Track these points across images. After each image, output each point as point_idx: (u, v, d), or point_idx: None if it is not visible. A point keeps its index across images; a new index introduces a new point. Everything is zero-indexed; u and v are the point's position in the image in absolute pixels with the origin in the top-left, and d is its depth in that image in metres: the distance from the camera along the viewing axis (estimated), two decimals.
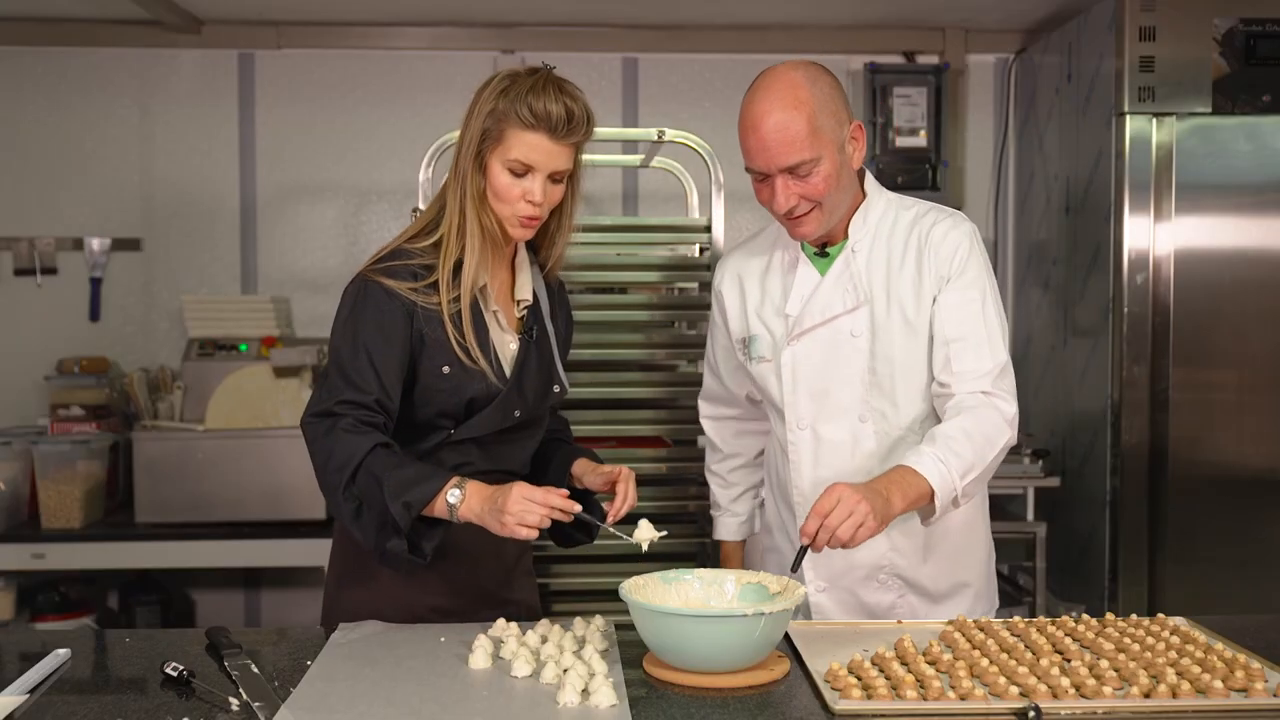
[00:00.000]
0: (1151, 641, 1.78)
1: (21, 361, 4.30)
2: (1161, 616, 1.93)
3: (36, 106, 4.36)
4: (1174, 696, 1.57)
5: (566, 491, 1.86)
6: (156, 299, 4.41)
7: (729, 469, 2.41)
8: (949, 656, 1.71)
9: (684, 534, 2.92)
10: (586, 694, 1.57)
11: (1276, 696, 1.59)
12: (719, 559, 2.45)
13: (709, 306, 2.87)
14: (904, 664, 1.69)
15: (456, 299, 1.97)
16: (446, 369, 1.97)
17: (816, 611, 2.15)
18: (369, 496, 1.86)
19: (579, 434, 2.88)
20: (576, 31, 4.43)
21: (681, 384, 3.01)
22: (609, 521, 2.04)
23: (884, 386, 2.08)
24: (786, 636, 1.83)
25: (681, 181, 3.28)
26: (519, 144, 1.93)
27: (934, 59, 4.47)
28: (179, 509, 3.70)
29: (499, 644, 1.80)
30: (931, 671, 1.64)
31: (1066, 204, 3.99)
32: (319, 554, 3.13)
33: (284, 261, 4.43)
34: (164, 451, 3.72)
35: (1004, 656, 1.69)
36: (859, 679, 1.62)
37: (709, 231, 2.91)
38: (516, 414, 2.04)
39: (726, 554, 2.43)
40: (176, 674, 1.67)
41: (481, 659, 1.73)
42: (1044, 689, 1.57)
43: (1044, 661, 1.66)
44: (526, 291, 2.09)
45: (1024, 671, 1.62)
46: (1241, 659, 1.70)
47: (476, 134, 1.95)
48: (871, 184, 2.14)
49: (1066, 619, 1.92)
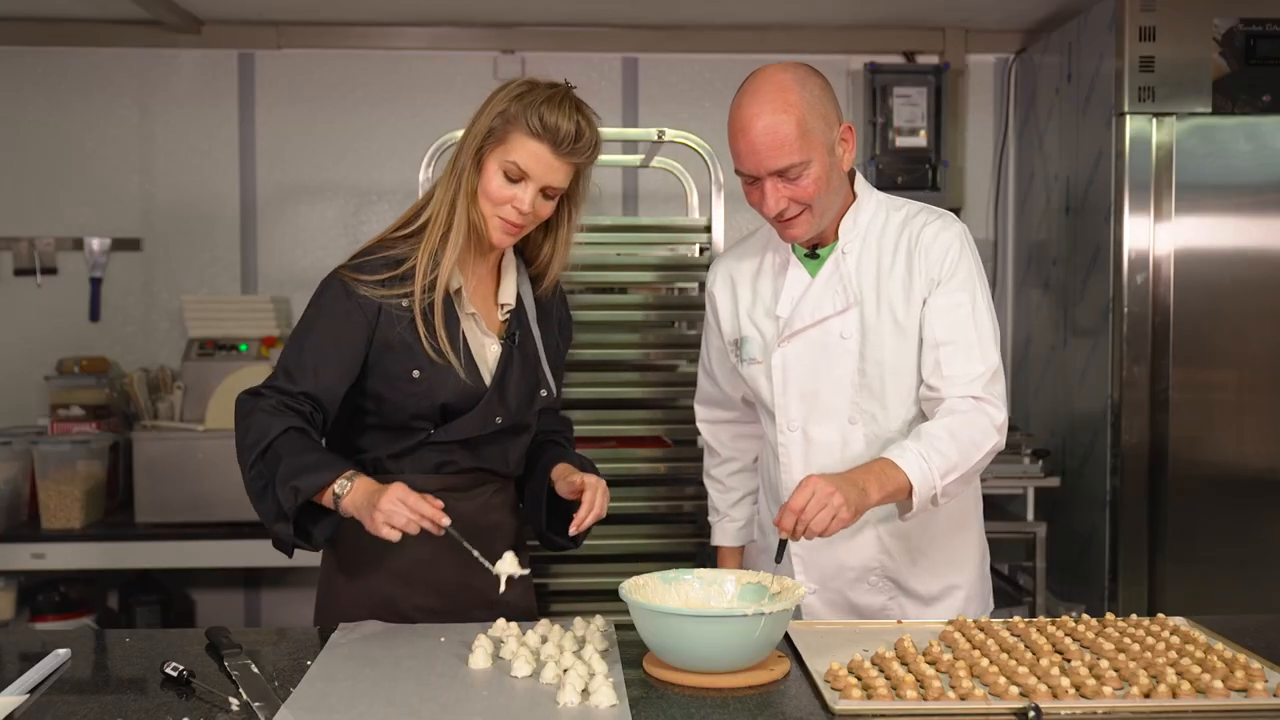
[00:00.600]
0: (1151, 641, 1.78)
1: (21, 361, 4.30)
2: (1161, 616, 1.93)
3: (36, 106, 4.36)
4: (1174, 696, 1.57)
5: (441, 504, 1.81)
6: (156, 299, 4.41)
7: (727, 473, 2.40)
8: (949, 656, 1.71)
9: (683, 534, 2.92)
10: (586, 694, 1.57)
11: (1276, 696, 1.59)
12: (716, 565, 2.44)
13: None
14: (904, 664, 1.69)
15: (429, 290, 1.96)
16: (416, 373, 1.96)
17: (807, 613, 2.14)
18: (272, 476, 1.86)
19: (579, 434, 2.88)
20: (576, 31, 4.43)
21: (681, 384, 3.01)
22: (571, 531, 2.03)
23: (874, 388, 2.07)
24: (786, 636, 1.83)
25: (681, 181, 3.28)
26: (520, 149, 1.93)
27: (934, 59, 4.47)
28: (179, 509, 3.70)
29: (499, 644, 1.80)
30: (931, 671, 1.64)
31: (1066, 204, 3.99)
32: (318, 554, 3.12)
33: (284, 261, 4.43)
34: (164, 451, 3.72)
35: (1004, 656, 1.69)
36: (859, 679, 1.62)
37: (709, 231, 2.90)
38: (498, 420, 2.03)
39: (723, 560, 2.42)
40: (176, 674, 1.67)
41: (481, 659, 1.73)
42: (1044, 689, 1.57)
43: (1044, 661, 1.66)
44: (509, 295, 2.08)
45: (1024, 671, 1.62)
46: (1241, 659, 1.70)
47: (482, 131, 1.95)
48: (862, 185, 2.13)
49: (1066, 619, 1.92)
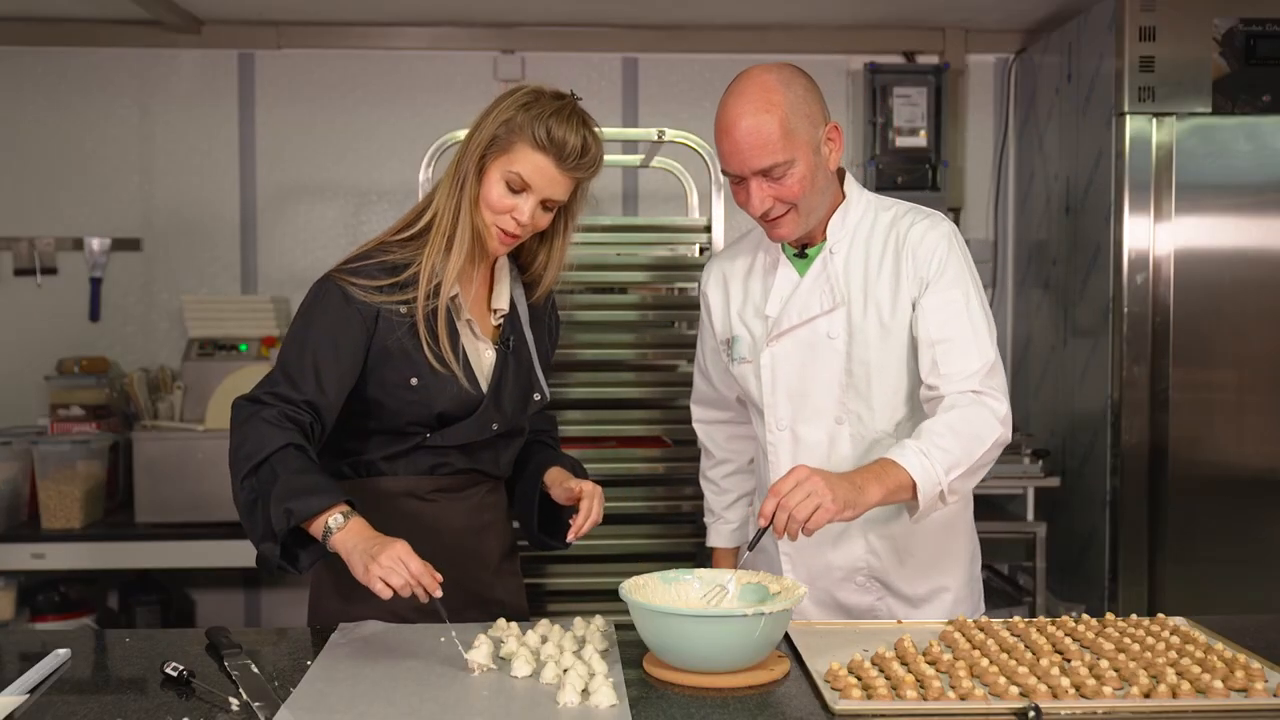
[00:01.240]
0: (1151, 641, 1.78)
1: (21, 361, 4.30)
2: (1161, 616, 1.93)
3: (36, 106, 4.36)
4: (1174, 696, 1.57)
5: (440, 578, 1.75)
6: (156, 299, 4.41)
7: (722, 475, 2.40)
8: (949, 656, 1.71)
9: (682, 534, 2.92)
10: (586, 694, 1.57)
11: (1276, 696, 1.59)
12: (712, 566, 2.44)
13: None
14: (904, 664, 1.69)
15: (431, 297, 1.94)
16: (415, 380, 1.95)
17: (797, 612, 2.14)
18: (265, 492, 1.81)
19: (579, 434, 2.90)
20: (576, 31, 4.43)
21: (680, 384, 3.01)
22: (569, 537, 2.02)
23: (860, 389, 2.07)
24: (786, 636, 1.83)
25: (681, 181, 3.28)
26: (524, 161, 1.92)
27: (934, 59, 4.47)
28: (179, 509, 3.70)
29: (499, 643, 1.80)
30: (931, 671, 1.64)
31: (1066, 204, 3.99)
32: None
33: (284, 261, 4.43)
34: (164, 451, 3.72)
35: (1004, 656, 1.69)
36: (859, 679, 1.62)
37: (709, 231, 2.90)
38: (494, 426, 2.03)
39: (718, 561, 2.41)
40: (176, 674, 1.67)
41: (482, 659, 1.72)
42: (1044, 689, 1.57)
43: (1044, 661, 1.66)
44: (503, 300, 2.07)
45: (1024, 671, 1.62)
46: (1241, 659, 1.70)
47: (486, 139, 1.94)
48: (852, 185, 2.13)
49: (1066, 619, 1.92)
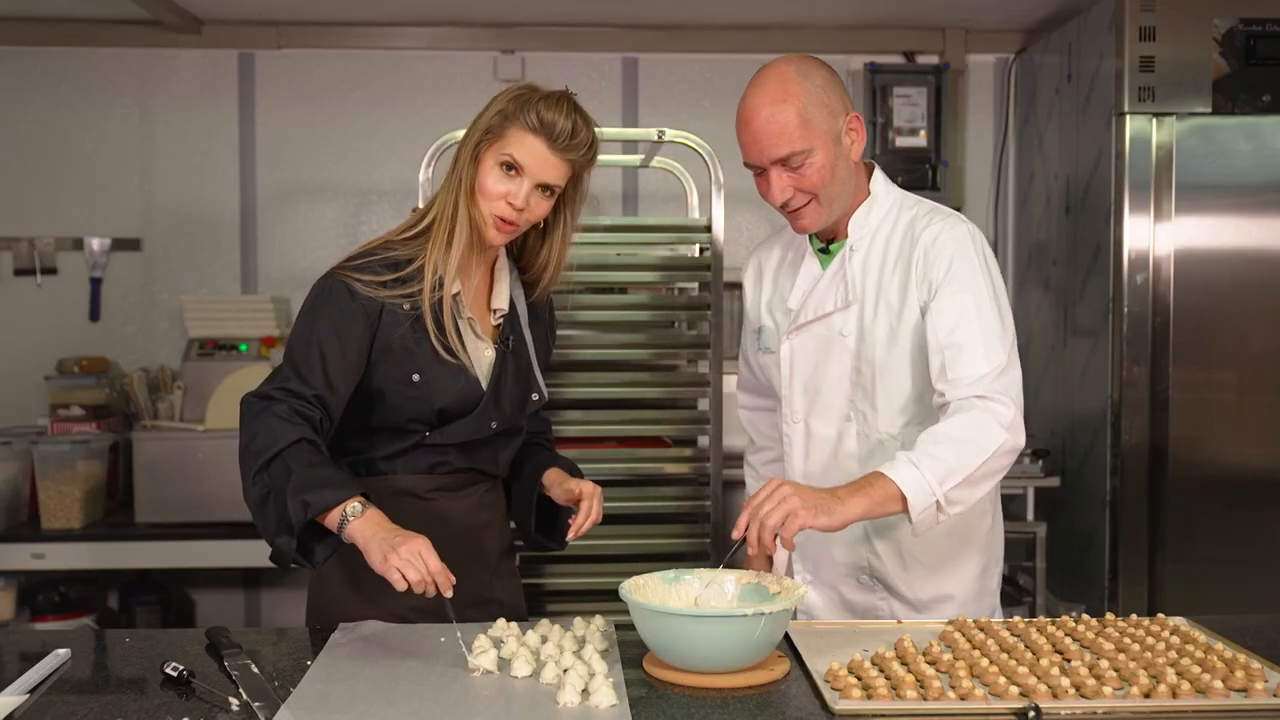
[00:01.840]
0: (1151, 641, 1.78)
1: (21, 361, 4.30)
2: (1161, 616, 1.93)
3: (36, 106, 4.36)
4: (1174, 696, 1.57)
5: (454, 580, 1.76)
6: (156, 299, 4.41)
7: (762, 461, 2.40)
8: (949, 656, 1.71)
9: (683, 534, 2.92)
10: (586, 694, 1.57)
11: (1276, 696, 1.59)
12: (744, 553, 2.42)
13: (709, 307, 2.89)
14: (904, 664, 1.69)
15: (436, 289, 1.96)
16: (417, 376, 1.96)
17: (800, 605, 2.13)
18: (278, 487, 1.82)
19: (579, 434, 2.90)
20: (576, 31, 4.44)
21: (681, 384, 3.01)
22: (569, 536, 2.03)
23: (866, 388, 2.08)
24: (786, 636, 1.83)
25: (681, 181, 3.28)
26: (517, 144, 1.94)
27: (934, 59, 4.47)
28: (179, 509, 3.70)
29: (499, 643, 1.80)
30: (931, 671, 1.64)
31: (1066, 204, 3.99)
32: None
33: (284, 261, 4.43)
34: (164, 451, 3.72)
35: (1004, 656, 1.69)
36: (859, 679, 1.62)
37: (709, 231, 2.90)
38: (494, 425, 2.04)
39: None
40: (176, 674, 1.67)
41: (488, 664, 1.72)
42: (1044, 689, 1.57)
43: (1044, 661, 1.66)
44: (503, 300, 2.08)
45: (1024, 671, 1.62)
46: (1241, 659, 1.70)
47: (481, 130, 1.96)
48: (880, 182, 2.13)
49: (1066, 619, 1.92)
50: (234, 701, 1.58)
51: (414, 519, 1.98)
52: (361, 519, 1.79)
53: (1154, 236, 3.59)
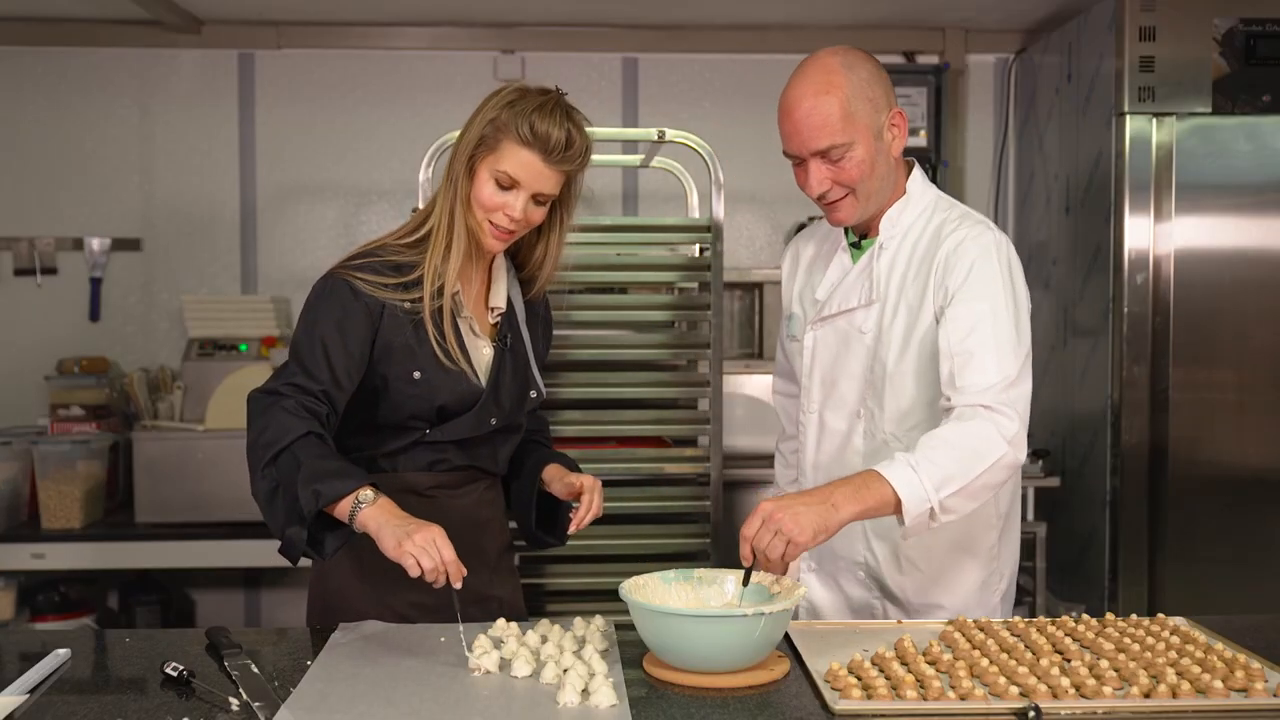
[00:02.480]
0: (1151, 641, 1.78)
1: (21, 361, 4.30)
2: (1161, 616, 1.93)
3: (36, 106, 4.36)
4: (1174, 696, 1.57)
5: (465, 573, 1.77)
6: (156, 299, 4.41)
7: (791, 450, 2.38)
8: (949, 656, 1.71)
9: (683, 534, 2.92)
10: (586, 694, 1.57)
11: (1276, 696, 1.59)
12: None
13: (709, 307, 2.89)
14: (904, 664, 1.69)
15: (436, 296, 1.97)
16: (417, 374, 1.97)
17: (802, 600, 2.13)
18: (287, 479, 1.82)
19: (578, 434, 2.90)
20: (576, 31, 4.43)
21: (681, 384, 3.01)
22: (571, 529, 2.04)
23: (876, 388, 2.08)
24: (786, 636, 1.83)
25: (681, 181, 3.28)
26: (511, 158, 1.94)
27: (934, 59, 4.47)
28: (179, 509, 3.70)
29: (499, 644, 1.80)
30: (931, 671, 1.64)
31: (1066, 204, 3.99)
32: None
33: (284, 261, 4.43)
34: (164, 451, 3.72)
35: (1004, 656, 1.69)
36: (859, 679, 1.62)
37: (709, 231, 2.90)
38: (493, 422, 2.05)
39: None
40: (176, 674, 1.67)
41: (489, 662, 1.72)
42: (1044, 689, 1.57)
43: (1044, 661, 1.66)
44: (500, 299, 2.09)
45: (1024, 671, 1.62)
46: (1241, 659, 1.70)
47: (474, 139, 1.96)
48: (918, 182, 2.11)
49: (1066, 619, 1.92)
50: (234, 701, 1.58)
51: (415, 515, 1.99)
52: (373, 506, 1.80)
53: (1154, 236, 3.59)
